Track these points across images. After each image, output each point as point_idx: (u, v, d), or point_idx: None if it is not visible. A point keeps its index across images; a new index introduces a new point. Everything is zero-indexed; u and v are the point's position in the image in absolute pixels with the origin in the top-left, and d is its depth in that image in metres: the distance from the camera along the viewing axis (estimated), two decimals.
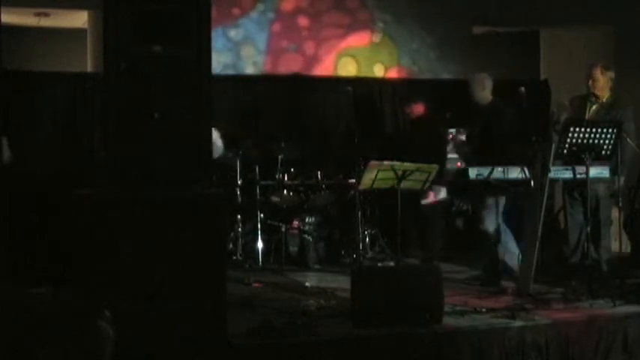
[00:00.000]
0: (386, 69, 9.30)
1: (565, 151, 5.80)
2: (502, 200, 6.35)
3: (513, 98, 7.73)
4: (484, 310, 5.33)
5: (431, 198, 7.17)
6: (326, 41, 9.09)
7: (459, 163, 8.19)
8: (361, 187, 6.47)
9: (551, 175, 5.90)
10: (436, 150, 7.30)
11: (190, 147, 4.49)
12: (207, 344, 4.33)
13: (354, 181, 7.22)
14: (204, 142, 4.58)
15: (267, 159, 7.73)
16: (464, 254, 7.75)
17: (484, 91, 6.74)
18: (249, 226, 7.55)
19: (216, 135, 7.28)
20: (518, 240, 6.33)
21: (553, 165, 5.87)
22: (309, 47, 9.05)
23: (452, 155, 8.30)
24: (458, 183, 7.47)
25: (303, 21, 9.03)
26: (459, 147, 7.29)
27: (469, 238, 8.23)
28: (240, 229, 7.46)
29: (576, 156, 5.81)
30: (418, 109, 7.73)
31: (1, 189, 5.02)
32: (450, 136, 8.02)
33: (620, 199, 6.16)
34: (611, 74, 6.33)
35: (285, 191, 7.60)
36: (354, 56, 9.16)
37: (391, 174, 5.88)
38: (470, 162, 6.60)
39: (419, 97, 7.94)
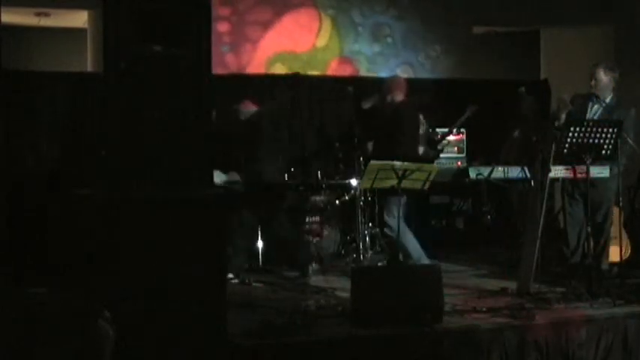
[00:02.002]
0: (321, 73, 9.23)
1: (565, 150, 5.79)
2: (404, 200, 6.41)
3: (513, 98, 7.79)
4: (484, 310, 5.33)
5: None
6: (255, 41, 8.98)
7: (459, 163, 8.23)
8: (361, 186, 6.48)
9: (551, 174, 5.90)
10: None
11: (190, 147, 4.49)
12: (207, 344, 4.33)
13: (354, 181, 7.22)
14: (204, 142, 4.57)
15: (268, 159, 7.74)
16: (464, 254, 7.76)
17: (400, 92, 6.82)
18: (250, 226, 7.54)
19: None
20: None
21: (553, 164, 5.88)
22: (241, 52, 8.98)
23: (450, 155, 8.33)
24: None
25: (223, 26, 8.90)
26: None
27: (469, 238, 8.25)
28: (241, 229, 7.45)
29: (576, 156, 5.81)
30: (247, 105, 7.65)
31: (1, 189, 5.03)
32: (439, 136, 8.07)
33: (620, 199, 6.16)
34: (614, 75, 6.33)
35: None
36: (285, 62, 9.03)
37: (391, 174, 5.88)
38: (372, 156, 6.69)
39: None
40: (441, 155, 8.03)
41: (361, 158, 7.03)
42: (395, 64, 9.48)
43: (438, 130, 8.21)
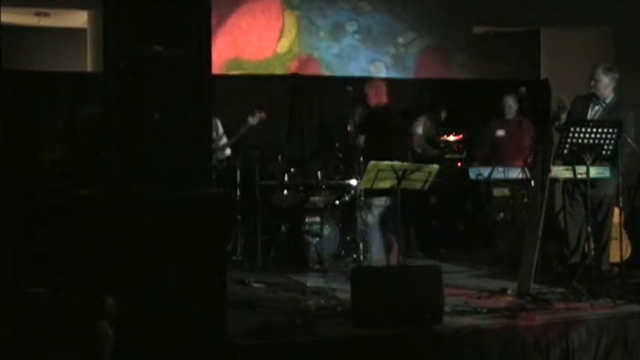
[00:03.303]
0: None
1: (565, 151, 5.79)
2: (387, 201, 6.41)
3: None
4: (484, 310, 5.33)
5: None
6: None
7: (459, 163, 8.23)
8: (361, 186, 6.48)
9: (552, 174, 5.90)
10: None
11: (190, 147, 4.49)
12: (207, 344, 4.33)
13: (354, 181, 7.23)
14: (204, 142, 4.58)
15: (267, 159, 7.74)
16: (464, 254, 7.76)
17: (382, 94, 6.90)
18: (249, 226, 7.55)
19: (217, 122, 7.37)
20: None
21: (553, 164, 5.88)
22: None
23: (450, 155, 8.33)
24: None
25: None
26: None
27: (469, 238, 8.26)
28: (240, 229, 7.46)
29: (577, 156, 5.81)
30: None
31: (1, 189, 5.02)
32: (439, 136, 8.08)
33: (620, 199, 6.16)
34: (614, 75, 6.32)
35: (285, 191, 7.61)
36: (244, 69, 8.92)
37: (391, 174, 5.88)
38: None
39: None
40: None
41: (361, 158, 7.03)
42: (365, 61, 9.42)
43: (438, 130, 8.23)
